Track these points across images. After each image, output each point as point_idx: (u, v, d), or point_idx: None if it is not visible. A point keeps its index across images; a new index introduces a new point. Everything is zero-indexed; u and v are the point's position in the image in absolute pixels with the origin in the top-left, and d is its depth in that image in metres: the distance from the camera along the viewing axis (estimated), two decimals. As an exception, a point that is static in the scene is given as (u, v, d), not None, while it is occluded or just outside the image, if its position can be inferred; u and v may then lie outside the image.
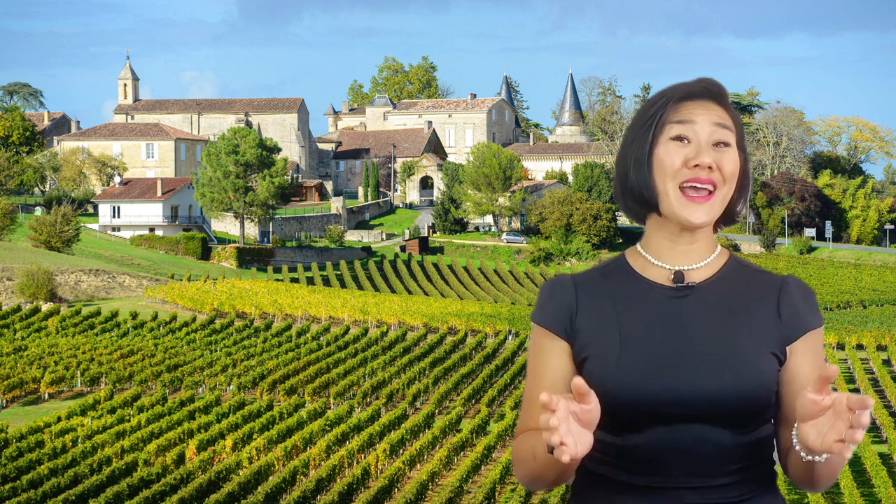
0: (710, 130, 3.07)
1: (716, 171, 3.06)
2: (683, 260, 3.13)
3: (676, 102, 3.09)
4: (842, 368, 65.96)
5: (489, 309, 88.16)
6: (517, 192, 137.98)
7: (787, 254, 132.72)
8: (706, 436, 3.00)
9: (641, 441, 3.02)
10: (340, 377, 58.50)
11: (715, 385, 3.00)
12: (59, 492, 37.70)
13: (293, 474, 40.01)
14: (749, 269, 3.15)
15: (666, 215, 3.09)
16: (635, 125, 3.13)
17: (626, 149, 3.14)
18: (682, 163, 3.06)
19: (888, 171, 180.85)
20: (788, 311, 3.09)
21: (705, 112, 3.09)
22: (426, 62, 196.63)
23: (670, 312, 3.08)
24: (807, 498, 38.77)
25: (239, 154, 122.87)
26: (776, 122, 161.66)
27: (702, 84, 3.12)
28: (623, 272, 3.15)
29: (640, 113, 3.14)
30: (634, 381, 3.01)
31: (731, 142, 3.09)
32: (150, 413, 48.72)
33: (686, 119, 3.08)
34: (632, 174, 3.11)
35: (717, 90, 3.12)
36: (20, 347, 64.10)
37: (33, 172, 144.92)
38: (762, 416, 3.06)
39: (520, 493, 37.78)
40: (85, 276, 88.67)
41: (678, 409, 3.00)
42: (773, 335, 3.07)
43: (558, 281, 3.16)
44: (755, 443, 3.05)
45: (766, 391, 3.04)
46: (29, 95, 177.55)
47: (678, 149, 3.07)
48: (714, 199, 3.07)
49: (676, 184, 3.06)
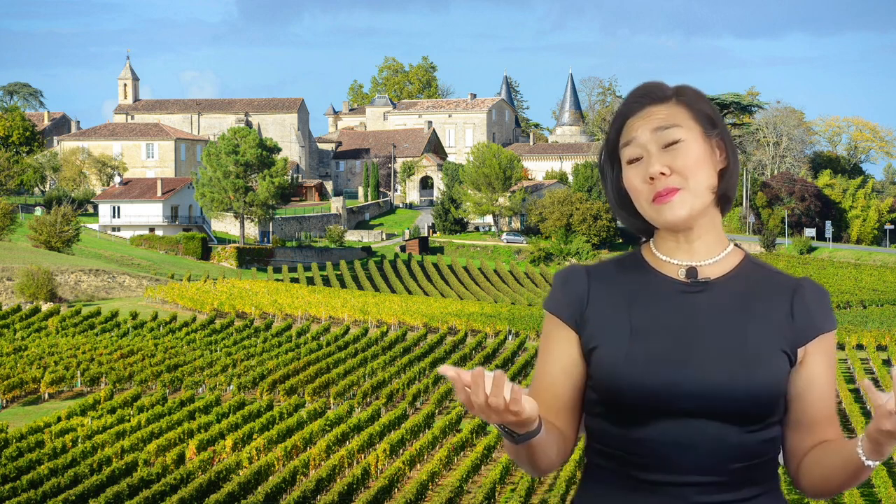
0: (650, 139, 3.08)
1: (671, 176, 3.06)
2: (693, 257, 3.13)
3: (621, 124, 3.13)
4: (842, 368, 65.96)
5: (489, 309, 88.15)
6: (517, 192, 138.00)
7: (787, 254, 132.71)
8: (713, 432, 2.99)
9: (647, 435, 3.01)
10: (340, 377, 58.51)
11: (725, 381, 3.00)
12: (59, 492, 37.70)
13: (293, 474, 40.01)
14: (765, 269, 3.15)
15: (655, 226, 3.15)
16: (600, 161, 3.20)
17: (604, 182, 3.20)
18: (641, 182, 3.07)
19: (888, 171, 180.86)
20: (802, 313, 3.08)
21: (644, 123, 3.10)
22: (426, 62, 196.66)
23: (683, 307, 3.08)
24: (806, 498, 38.75)
25: (239, 154, 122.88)
26: (776, 122, 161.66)
27: (635, 96, 3.14)
28: (637, 265, 3.16)
29: (602, 147, 3.19)
30: (642, 374, 3.01)
31: (679, 137, 3.07)
32: (150, 413, 48.73)
33: (629, 139, 3.10)
34: (618, 208, 3.19)
35: (650, 92, 3.13)
36: (20, 347, 64.10)
37: (33, 172, 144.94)
38: (770, 415, 3.05)
39: (520, 493, 37.78)
40: (85, 276, 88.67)
41: (685, 404, 3.00)
42: (785, 335, 3.07)
43: (572, 270, 3.17)
44: (761, 443, 3.04)
45: (777, 389, 3.04)
46: (29, 95, 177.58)
47: (635, 170, 3.09)
48: (679, 196, 3.06)
49: (647, 201, 3.08)
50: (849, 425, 52.27)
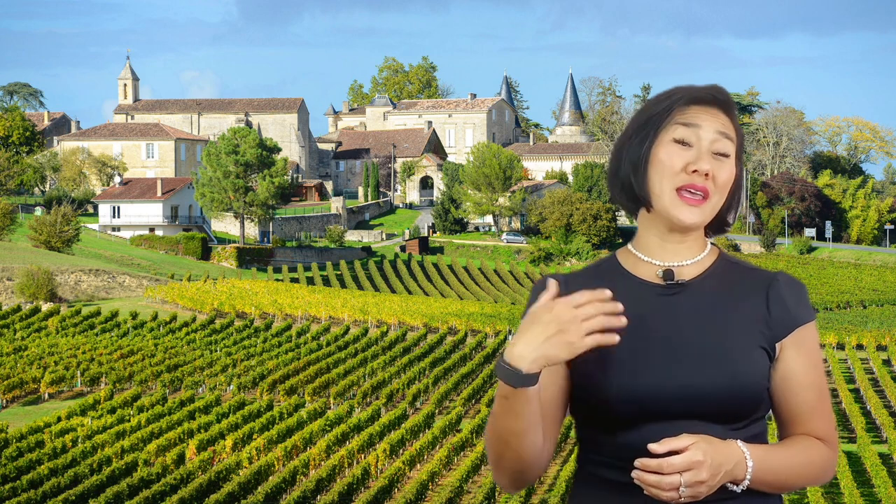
0: (713, 138, 3.08)
1: (710, 180, 3.06)
2: (673, 257, 3.13)
3: (684, 105, 3.10)
4: (842, 368, 65.97)
5: (489, 309, 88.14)
6: (517, 192, 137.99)
7: (787, 254, 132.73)
8: (699, 432, 2.99)
9: (635, 439, 3.01)
10: (340, 377, 58.51)
11: (707, 381, 3.01)
12: (59, 492, 37.71)
13: (293, 474, 40.02)
14: (739, 266, 3.15)
15: (658, 213, 3.10)
16: (638, 120, 3.12)
17: (624, 142, 3.13)
18: (681, 166, 3.06)
19: (888, 171, 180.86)
20: (778, 307, 3.09)
21: (711, 119, 3.09)
22: (426, 62, 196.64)
23: (661, 310, 3.08)
24: (807, 498, 38.76)
25: (239, 154, 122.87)
26: (776, 122, 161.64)
27: (711, 91, 3.11)
28: (613, 271, 3.15)
29: (645, 109, 3.13)
30: (625, 379, 3.01)
31: (730, 153, 3.09)
32: (150, 413, 48.73)
33: (691, 122, 3.08)
34: (627, 169, 3.11)
35: (725, 99, 3.12)
36: (20, 347, 64.10)
37: (33, 172, 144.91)
38: (754, 412, 3.06)
39: (520, 493, 37.79)
40: (85, 276, 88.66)
41: (670, 407, 3.01)
42: (763, 331, 3.07)
43: (548, 280, 3.14)
44: (748, 439, 3.04)
45: (758, 386, 3.04)
46: (29, 95, 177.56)
47: (680, 152, 3.07)
48: (706, 205, 3.07)
49: (673, 186, 3.06)
50: (849, 425, 52.29)
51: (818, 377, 3.11)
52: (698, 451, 2.92)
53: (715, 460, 2.94)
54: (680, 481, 2.92)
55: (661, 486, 2.93)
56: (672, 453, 2.95)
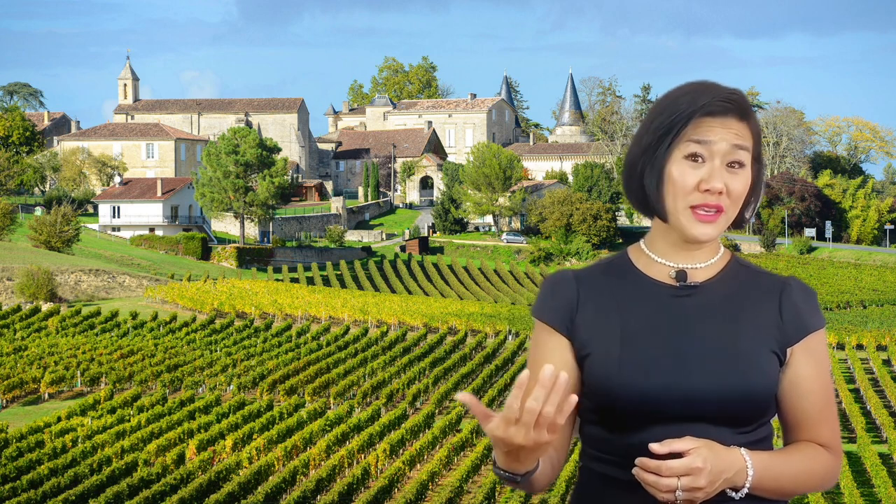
0: (726, 151, 3.04)
1: (724, 196, 3.04)
2: (686, 260, 3.12)
3: (699, 118, 3.04)
4: (842, 368, 65.98)
5: (489, 309, 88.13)
6: (517, 192, 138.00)
7: (787, 254, 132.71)
8: (707, 435, 2.99)
9: (641, 440, 3.01)
10: (340, 377, 58.50)
11: (717, 384, 3.01)
12: (59, 492, 37.70)
13: (293, 474, 40.01)
14: (751, 270, 3.15)
15: (673, 228, 3.09)
16: (651, 127, 3.08)
17: (638, 155, 3.09)
18: (694, 184, 3.03)
19: (888, 171, 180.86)
20: (790, 313, 3.09)
21: (724, 131, 3.05)
22: (426, 62, 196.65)
23: (673, 311, 3.07)
24: (807, 498, 38.77)
25: (239, 154, 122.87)
26: (776, 122, 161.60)
27: (726, 100, 3.06)
28: (626, 269, 3.15)
29: (658, 113, 3.08)
30: (636, 380, 3.01)
31: (745, 162, 3.06)
32: (150, 413, 48.72)
33: (704, 139, 3.04)
34: (640, 182, 3.09)
35: (741, 105, 3.07)
36: (20, 347, 64.09)
37: (33, 172, 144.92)
38: (763, 416, 3.06)
39: (520, 494, 37.78)
40: (85, 276, 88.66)
41: (679, 409, 3.00)
42: (774, 336, 3.07)
43: (560, 276, 3.15)
44: (754, 443, 3.05)
45: (768, 391, 3.04)
46: (29, 95, 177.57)
47: (692, 170, 3.04)
48: (720, 219, 3.06)
49: (687, 204, 3.05)
50: (849, 425, 52.28)
51: (826, 384, 3.11)
52: (698, 458, 2.92)
53: (715, 467, 2.94)
54: (677, 485, 2.92)
55: (658, 486, 2.93)
56: (674, 454, 2.95)
